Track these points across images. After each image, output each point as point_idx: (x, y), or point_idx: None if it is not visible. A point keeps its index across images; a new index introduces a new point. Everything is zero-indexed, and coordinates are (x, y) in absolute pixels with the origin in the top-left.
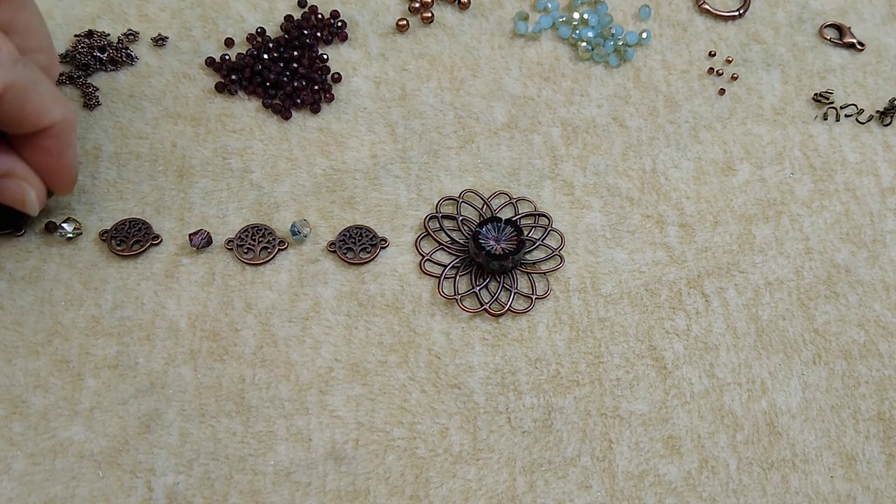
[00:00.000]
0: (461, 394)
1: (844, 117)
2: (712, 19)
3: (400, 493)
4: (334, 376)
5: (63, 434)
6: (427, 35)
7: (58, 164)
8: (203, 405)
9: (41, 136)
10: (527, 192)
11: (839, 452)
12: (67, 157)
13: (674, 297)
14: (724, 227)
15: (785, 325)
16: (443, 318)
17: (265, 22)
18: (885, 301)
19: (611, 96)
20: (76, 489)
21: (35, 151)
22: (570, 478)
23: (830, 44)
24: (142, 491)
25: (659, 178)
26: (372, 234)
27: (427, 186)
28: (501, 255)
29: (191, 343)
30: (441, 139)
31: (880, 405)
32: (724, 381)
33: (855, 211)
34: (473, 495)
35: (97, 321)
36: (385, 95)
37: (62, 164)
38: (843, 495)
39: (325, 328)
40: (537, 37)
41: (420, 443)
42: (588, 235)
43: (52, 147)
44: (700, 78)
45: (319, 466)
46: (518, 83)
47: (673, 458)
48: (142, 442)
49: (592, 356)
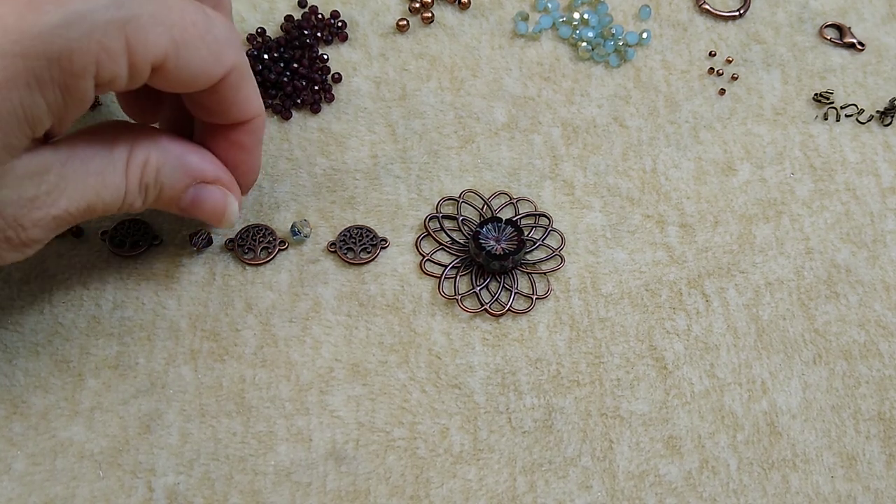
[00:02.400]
0: (461, 394)
1: (845, 117)
2: (712, 19)
3: (400, 493)
4: (335, 376)
5: (63, 434)
6: (427, 35)
7: (249, 163)
8: (203, 405)
9: (239, 130)
10: (527, 192)
11: (840, 452)
12: (258, 154)
13: (674, 297)
14: (725, 227)
15: (785, 325)
16: (443, 319)
17: (265, 22)
18: (885, 301)
19: (611, 96)
20: (76, 489)
21: (229, 148)
22: (571, 478)
23: (830, 44)
24: (142, 491)
25: (659, 178)
26: (372, 235)
27: (427, 186)
28: (502, 255)
29: (191, 343)
30: (441, 139)
31: (881, 405)
32: (725, 382)
33: (855, 211)
34: (474, 495)
35: (97, 321)
36: (385, 95)
37: (253, 163)
38: (843, 495)
39: (325, 328)
40: (537, 37)
41: (420, 443)
42: (588, 235)
43: (247, 143)
44: (700, 78)
45: (320, 466)
46: (518, 83)
47: (673, 459)
48: (142, 442)
49: (593, 356)
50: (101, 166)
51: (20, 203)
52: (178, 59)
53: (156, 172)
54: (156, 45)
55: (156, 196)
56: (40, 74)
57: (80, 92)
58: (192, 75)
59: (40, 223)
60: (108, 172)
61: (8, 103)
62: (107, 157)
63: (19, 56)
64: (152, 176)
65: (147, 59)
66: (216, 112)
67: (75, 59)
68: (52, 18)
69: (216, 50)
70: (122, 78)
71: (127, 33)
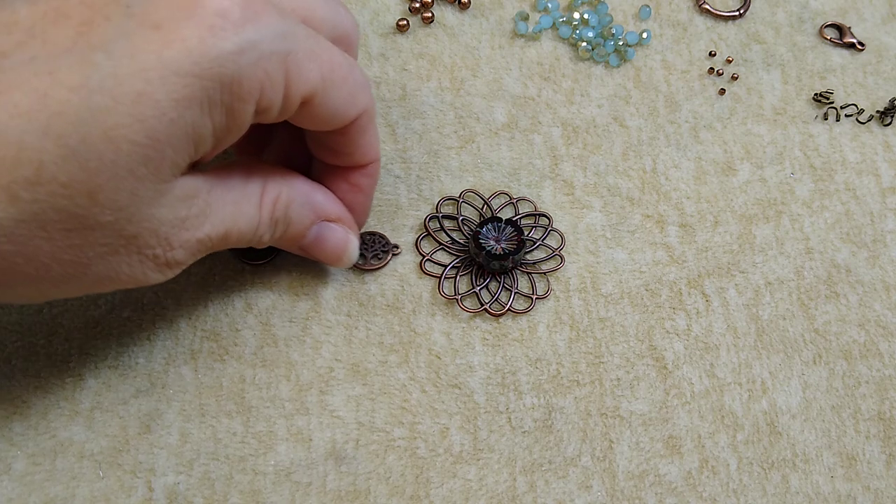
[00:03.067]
0: (461, 394)
1: (845, 117)
2: (712, 19)
3: (400, 493)
4: (335, 376)
5: (63, 434)
6: (427, 35)
7: (364, 205)
8: (203, 405)
9: (358, 173)
10: (527, 192)
11: (839, 452)
12: (372, 196)
13: (674, 297)
14: (725, 226)
15: (785, 325)
16: (443, 318)
17: None
18: (885, 301)
19: (611, 96)
20: (76, 489)
21: (348, 190)
22: (571, 478)
23: (830, 44)
24: (142, 491)
25: (659, 178)
26: (385, 241)
27: (427, 186)
28: (502, 255)
29: (191, 343)
30: (441, 139)
31: (881, 405)
32: (725, 381)
33: (855, 211)
34: (474, 495)
35: (97, 321)
36: (385, 95)
37: (367, 205)
38: (843, 495)
39: (325, 328)
40: (537, 37)
41: (420, 443)
42: (588, 235)
43: (365, 186)
44: (700, 78)
45: (320, 466)
46: (518, 83)
47: (673, 458)
48: (142, 442)
49: (593, 356)
50: (238, 197)
51: (173, 223)
52: (324, 97)
53: (286, 208)
54: (308, 81)
55: (283, 231)
56: (212, 96)
57: (242, 116)
58: (331, 113)
59: (186, 244)
60: (245, 203)
61: (182, 121)
62: (243, 190)
63: (197, 77)
64: (283, 211)
65: (300, 91)
66: (341, 153)
67: (244, 84)
68: (228, 45)
69: (354, 91)
70: (276, 107)
71: (287, 65)
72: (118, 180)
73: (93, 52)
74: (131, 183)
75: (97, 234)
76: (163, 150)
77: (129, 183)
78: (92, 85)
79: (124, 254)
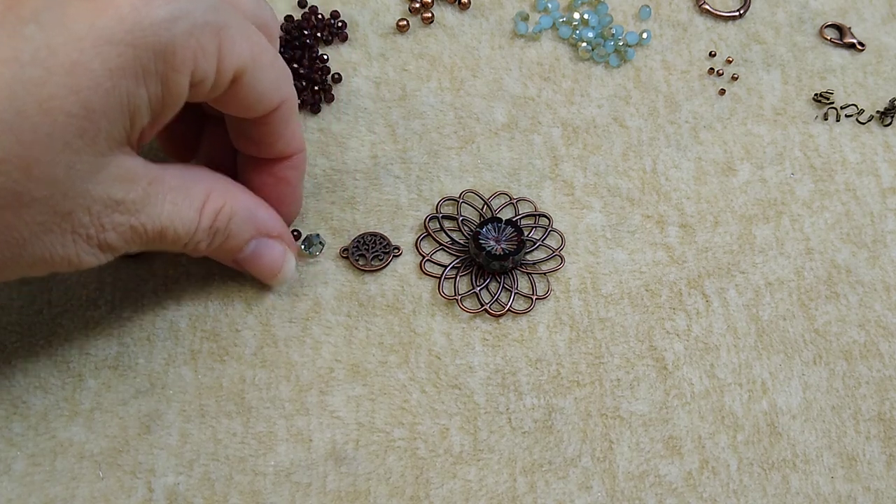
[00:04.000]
0: (461, 394)
1: (845, 117)
2: (712, 19)
3: (400, 493)
4: (334, 377)
5: (63, 434)
6: (427, 35)
7: (293, 196)
8: (203, 405)
9: (283, 165)
10: (527, 193)
11: (840, 453)
12: (301, 189)
13: (674, 297)
14: (725, 227)
15: (785, 326)
16: (443, 319)
17: None
18: (885, 301)
19: (611, 96)
20: (76, 490)
21: (274, 184)
22: (571, 478)
23: (830, 44)
24: (142, 491)
25: (659, 178)
26: (386, 242)
27: (427, 187)
28: (502, 255)
29: (191, 343)
30: (441, 139)
31: (881, 406)
32: (725, 382)
33: (855, 211)
34: (474, 496)
35: (97, 321)
36: (385, 96)
37: (296, 197)
38: (843, 496)
39: (325, 328)
40: (537, 37)
41: (420, 443)
42: (588, 236)
43: (291, 178)
44: (700, 78)
45: (320, 467)
46: (518, 83)
47: (673, 459)
48: (142, 442)
49: (593, 356)
50: (180, 198)
51: (107, 202)
52: (252, 77)
53: (228, 220)
54: (240, 56)
55: (220, 242)
56: (146, 65)
57: (177, 87)
58: (258, 96)
59: (119, 228)
60: (186, 206)
61: (117, 91)
62: (187, 192)
63: (131, 46)
64: (224, 222)
65: (232, 65)
66: (264, 144)
67: (178, 53)
68: (161, 13)
69: (278, 77)
70: (209, 81)
71: (221, 38)
72: (54, 153)
73: (23, 24)
74: (67, 156)
75: (32, 211)
76: (98, 122)
77: (65, 156)
78: (24, 57)
79: (58, 232)
